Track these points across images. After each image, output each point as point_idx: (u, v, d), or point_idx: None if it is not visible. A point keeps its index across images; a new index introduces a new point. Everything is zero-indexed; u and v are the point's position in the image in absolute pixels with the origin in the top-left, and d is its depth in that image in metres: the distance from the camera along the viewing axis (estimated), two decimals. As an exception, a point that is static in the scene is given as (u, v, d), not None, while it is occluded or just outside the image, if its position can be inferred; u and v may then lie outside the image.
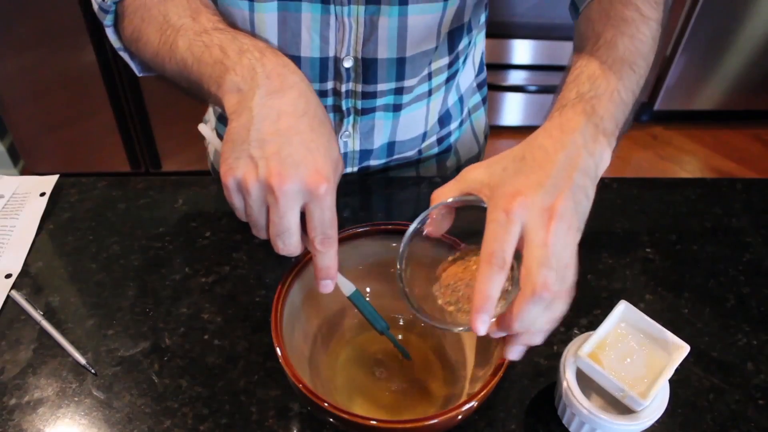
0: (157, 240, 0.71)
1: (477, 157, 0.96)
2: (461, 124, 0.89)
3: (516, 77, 2.10)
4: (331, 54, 0.70)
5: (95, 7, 0.65)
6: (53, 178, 0.78)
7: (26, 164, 1.98)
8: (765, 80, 2.19)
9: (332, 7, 0.65)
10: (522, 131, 2.28)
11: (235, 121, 0.48)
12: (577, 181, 0.46)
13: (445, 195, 0.51)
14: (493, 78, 2.09)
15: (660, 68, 2.18)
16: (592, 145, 0.49)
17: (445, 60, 0.76)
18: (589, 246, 0.72)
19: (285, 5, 0.65)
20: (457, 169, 0.92)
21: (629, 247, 0.72)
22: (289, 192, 0.45)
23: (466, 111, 0.90)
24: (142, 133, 1.88)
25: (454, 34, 0.73)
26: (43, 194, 0.76)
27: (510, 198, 0.45)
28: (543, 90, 2.12)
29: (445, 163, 0.90)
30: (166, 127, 1.86)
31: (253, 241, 0.71)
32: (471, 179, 0.49)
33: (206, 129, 0.56)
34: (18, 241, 0.71)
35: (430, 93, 0.78)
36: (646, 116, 2.35)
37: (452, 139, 0.89)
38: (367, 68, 0.71)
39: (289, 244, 0.48)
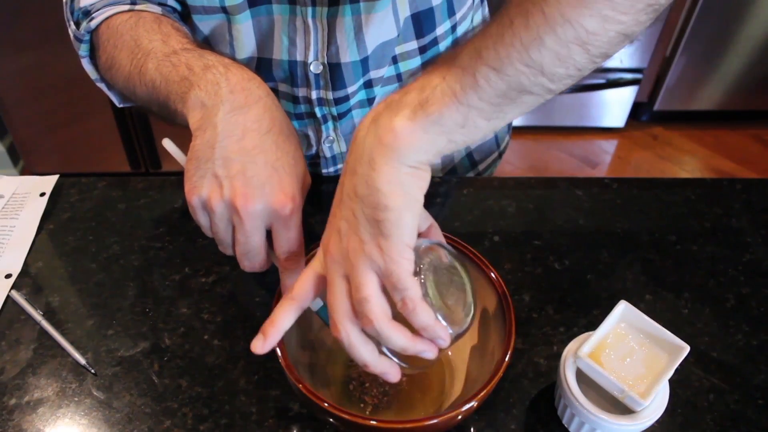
0: (157, 240, 0.71)
1: (495, 160, 0.93)
2: None
3: (516, 77, 2.10)
4: (299, 58, 0.68)
5: (71, 36, 0.64)
6: (53, 178, 0.78)
7: (26, 164, 1.98)
8: (765, 80, 2.19)
9: (298, 8, 0.64)
10: (522, 131, 2.28)
11: (199, 138, 0.47)
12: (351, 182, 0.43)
13: None
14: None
15: (660, 68, 2.18)
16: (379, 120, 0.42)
17: (413, 44, 0.72)
18: (589, 246, 0.72)
19: (256, 11, 0.65)
20: (468, 154, 0.87)
21: (629, 247, 0.72)
22: (254, 213, 0.45)
23: None
24: (142, 133, 1.88)
25: (421, 18, 0.70)
26: (43, 194, 0.76)
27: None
28: (543, 90, 2.12)
29: (453, 162, 0.88)
30: (166, 127, 1.85)
31: (253, 241, 0.71)
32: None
33: (171, 144, 0.56)
34: (18, 241, 0.71)
35: (399, 78, 0.75)
36: (646, 116, 2.35)
37: None
38: (334, 73, 0.70)
39: (256, 263, 0.48)
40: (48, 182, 0.77)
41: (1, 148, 1.97)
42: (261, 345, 0.46)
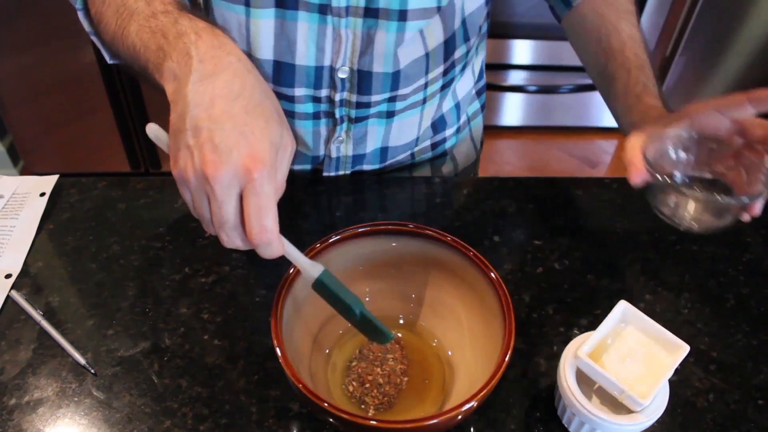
0: (157, 240, 0.71)
1: (474, 165, 0.96)
2: (458, 130, 0.89)
3: (516, 77, 2.10)
4: (327, 63, 0.69)
5: None
6: (53, 178, 0.78)
7: (26, 164, 1.98)
8: (765, 80, 2.19)
9: (329, 18, 0.65)
10: (522, 131, 2.28)
11: (173, 112, 0.47)
12: None
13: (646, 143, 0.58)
14: (493, 78, 2.09)
15: (660, 68, 2.18)
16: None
17: (440, 68, 0.76)
18: (589, 246, 0.72)
19: (282, 13, 0.65)
20: (455, 175, 0.92)
21: (629, 247, 0.72)
22: (223, 179, 0.43)
23: (464, 118, 0.89)
24: (142, 133, 1.88)
25: (449, 43, 0.73)
26: (43, 194, 0.76)
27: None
28: (543, 90, 2.12)
29: (441, 168, 0.90)
30: (166, 127, 1.86)
31: (253, 241, 0.71)
32: (668, 119, 0.60)
33: (154, 129, 0.52)
34: (18, 241, 0.71)
35: (424, 101, 0.78)
36: (646, 116, 2.35)
37: (447, 144, 0.89)
38: (362, 80, 0.71)
39: (233, 237, 0.46)
40: (48, 182, 0.77)
41: (1, 148, 1.97)
42: None
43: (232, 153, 0.43)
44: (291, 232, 0.50)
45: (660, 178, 0.56)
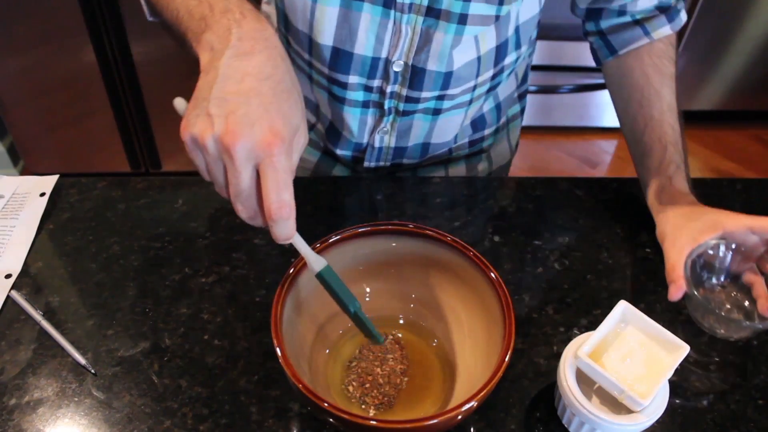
0: (157, 240, 0.71)
1: (508, 165, 0.98)
2: (497, 131, 0.90)
3: (516, 77, 2.10)
4: (383, 55, 0.71)
5: None
6: (53, 179, 0.78)
7: (26, 164, 1.98)
8: (765, 80, 2.19)
9: (392, 12, 0.67)
10: (522, 131, 2.28)
11: (201, 79, 0.48)
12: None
13: (683, 258, 0.62)
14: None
15: (660, 68, 2.18)
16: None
17: (490, 73, 0.77)
18: (589, 246, 0.72)
19: (348, 2, 0.67)
20: (489, 173, 0.93)
21: (629, 247, 0.72)
22: (242, 150, 0.44)
23: (504, 119, 0.90)
24: (142, 133, 1.88)
25: (501, 49, 0.74)
26: (43, 194, 0.76)
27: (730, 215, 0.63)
28: (543, 90, 2.12)
29: (476, 166, 0.91)
30: (166, 127, 1.86)
31: (253, 241, 0.71)
32: (702, 225, 0.63)
33: (182, 102, 0.52)
34: (18, 241, 0.71)
35: (470, 102, 0.79)
36: (646, 116, 2.35)
37: (485, 143, 0.90)
38: (415, 75, 0.73)
39: (249, 207, 0.47)
40: (48, 182, 0.77)
41: (1, 148, 1.97)
42: None
43: (255, 126, 0.45)
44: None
45: (694, 295, 0.60)
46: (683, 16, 0.77)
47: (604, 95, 2.20)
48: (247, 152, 0.44)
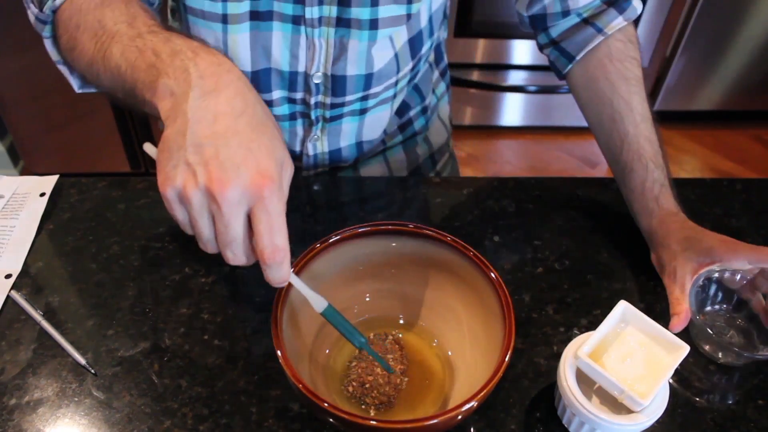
0: (157, 240, 0.71)
1: (447, 143, 0.97)
2: (425, 111, 0.90)
3: (516, 77, 2.10)
4: (301, 69, 0.71)
5: (32, 19, 0.61)
6: (53, 179, 0.78)
7: (26, 164, 1.98)
8: (765, 80, 2.19)
9: (303, 27, 0.67)
10: (522, 131, 2.28)
11: (169, 127, 0.44)
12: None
13: (685, 287, 0.62)
14: (493, 78, 2.09)
15: (660, 68, 2.18)
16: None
17: (409, 65, 0.77)
18: (589, 246, 0.72)
19: (257, 25, 0.66)
20: (430, 155, 0.93)
21: (629, 247, 0.72)
22: (232, 197, 0.42)
23: (432, 99, 0.90)
24: (142, 133, 1.88)
25: (415, 40, 0.74)
26: (43, 194, 0.76)
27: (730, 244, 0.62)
28: (543, 90, 2.12)
29: (415, 150, 0.91)
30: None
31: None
32: (698, 256, 0.62)
33: (152, 148, 0.51)
34: (18, 241, 0.71)
35: (394, 96, 0.80)
36: (646, 116, 2.35)
37: (416, 126, 0.90)
38: (336, 83, 0.72)
39: (239, 254, 0.45)
40: (48, 182, 0.77)
41: (1, 148, 1.97)
42: None
43: (240, 169, 0.42)
44: (292, 233, 0.50)
45: (696, 320, 0.60)
46: (636, 5, 0.72)
47: (604, 95, 2.20)
48: (237, 199, 0.42)
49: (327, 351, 0.59)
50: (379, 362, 0.54)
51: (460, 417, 0.47)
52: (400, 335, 0.61)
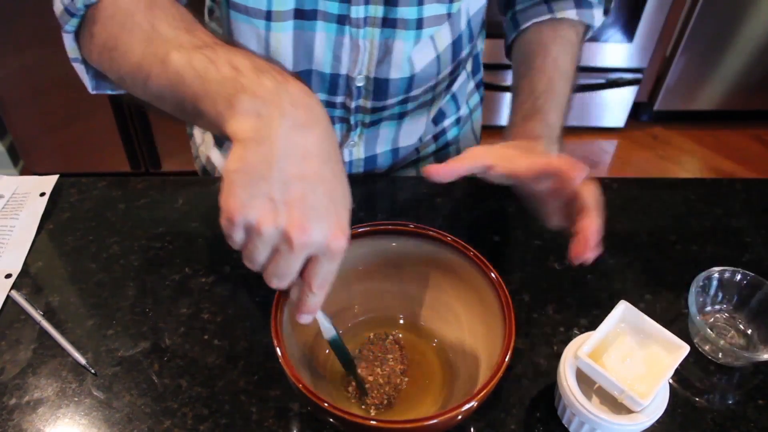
0: (157, 240, 0.71)
1: None
2: (458, 121, 0.90)
3: (516, 77, 2.10)
4: (344, 72, 0.70)
5: (59, 8, 0.58)
6: (53, 178, 0.78)
7: (26, 164, 1.98)
8: (765, 80, 2.19)
9: (347, 28, 0.66)
10: (522, 131, 2.28)
11: (252, 150, 0.42)
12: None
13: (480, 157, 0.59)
14: (493, 78, 2.09)
15: (660, 68, 2.18)
16: (550, 149, 0.65)
17: (449, 69, 0.77)
18: (589, 246, 0.72)
19: (300, 24, 0.66)
20: None
21: (629, 247, 0.72)
22: (307, 245, 0.42)
23: (465, 110, 0.90)
24: (142, 133, 1.88)
25: (456, 44, 0.74)
26: (43, 194, 0.76)
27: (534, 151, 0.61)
28: (543, 90, 2.12)
29: (446, 160, 0.91)
30: (166, 127, 1.86)
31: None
32: (480, 153, 0.59)
33: (221, 159, 0.50)
34: (18, 241, 0.71)
35: (433, 100, 0.79)
36: (646, 116, 2.35)
37: (449, 136, 0.90)
38: (378, 87, 0.72)
39: (285, 284, 0.46)
40: (48, 182, 0.77)
41: (1, 148, 1.97)
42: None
43: (323, 221, 0.42)
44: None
45: (696, 320, 0.60)
46: (596, 14, 0.74)
47: (604, 95, 2.20)
48: (310, 247, 0.42)
49: (327, 351, 0.59)
50: (359, 386, 0.56)
51: (460, 417, 0.47)
52: (400, 335, 0.61)
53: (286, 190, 0.42)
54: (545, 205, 0.60)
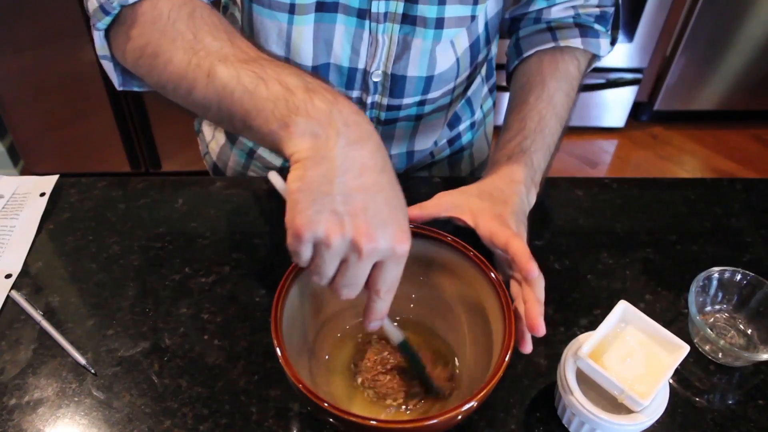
0: (157, 240, 0.71)
1: (487, 159, 0.97)
2: (473, 126, 0.90)
3: (516, 77, 2.10)
4: (361, 66, 0.71)
5: (93, 5, 0.57)
6: (53, 178, 0.78)
7: (26, 164, 1.98)
8: (765, 80, 2.19)
9: (367, 22, 0.66)
10: (522, 131, 2.28)
11: (312, 170, 0.44)
12: (523, 220, 0.64)
13: (428, 212, 0.62)
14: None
15: (660, 68, 2.18)
16: (529, 193, 0.66)
17: (467, 72, 0.77)
18: (589, 246, 0.72)
19: (321, 16, 0.66)
20: (471, 172, 0.94)
21: (629, 247, 0.72)
22: (376, 252, 0.44)
23: (479, 114, 0.91)
24: (142, 133, 1.88)
25: (474, 47, 0.75)
26: (43, 194, 0.76)
27: (500, 219, 0.60)
28: (543, 90, 2.12)
29: (459, 165, 0.91)
30: (166, 127, 1.86)
31: (253, 241, 0.71)
32: (450, 203, 0.62)
33: (277, 178, 0.49)
34: (18, 241, 0.71)
35: (450, 103, 0.80)
36: (646, 116, 2.35)
37: (464, 140, 0.90)
38: (395, 83, 0.72)
39: (354, 292, 0.47)
40: (48, 182, 0.77)
41: (1, 148, 1.97)
42: None
43: (387, 227, 0.44)
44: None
45: (696, 320, 0.60)
46: (603, 44, 0.74)
47: (604, 95, 2.20)
48: (377, 253, 0.44)
49: (327, 351, 0.59)
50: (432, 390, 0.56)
51: (460, 417, 0.47)
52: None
53: (348, 202, 0.44)
54: (493, 257, 0.61)
